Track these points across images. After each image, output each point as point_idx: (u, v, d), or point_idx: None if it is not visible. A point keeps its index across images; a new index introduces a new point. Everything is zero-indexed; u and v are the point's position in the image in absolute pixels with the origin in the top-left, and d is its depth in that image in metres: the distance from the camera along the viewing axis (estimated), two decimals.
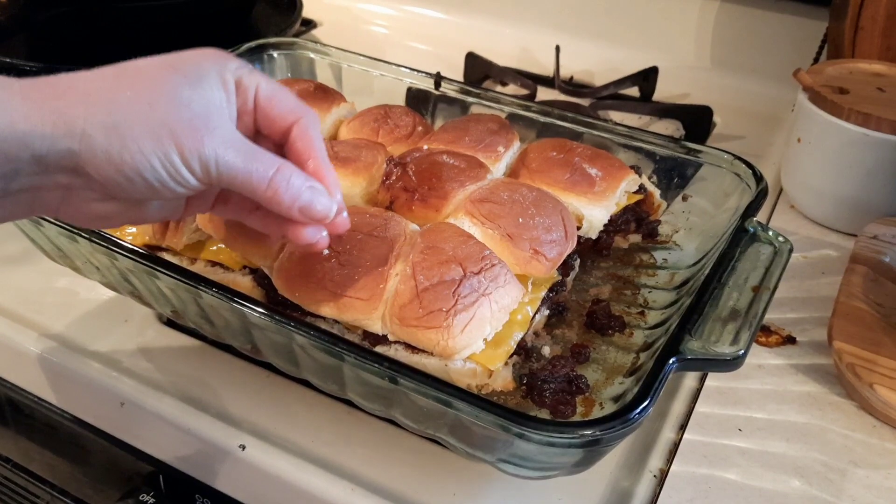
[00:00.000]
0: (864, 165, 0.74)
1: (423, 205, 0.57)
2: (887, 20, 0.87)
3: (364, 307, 0.49)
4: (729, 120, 1.01)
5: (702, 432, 0.57)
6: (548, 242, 0.54)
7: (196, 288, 0.49)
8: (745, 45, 1.09)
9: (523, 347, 0.53)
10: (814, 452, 0.55)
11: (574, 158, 0.63)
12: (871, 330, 0.62)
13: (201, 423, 0.57)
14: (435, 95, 0.76)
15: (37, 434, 0.70)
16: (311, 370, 0.50)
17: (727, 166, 0.64)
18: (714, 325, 0.48)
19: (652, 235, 0.68)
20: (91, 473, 0.69)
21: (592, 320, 0.59)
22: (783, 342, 0.65)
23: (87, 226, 0.45)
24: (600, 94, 1.02)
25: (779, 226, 0.80)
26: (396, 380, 0.43)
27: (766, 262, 0.53)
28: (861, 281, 0.66)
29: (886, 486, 0.53)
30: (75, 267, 0.60)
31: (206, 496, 0.60)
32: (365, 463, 0.54)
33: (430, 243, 0.50)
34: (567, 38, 1.13)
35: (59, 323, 0.65)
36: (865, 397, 0.58)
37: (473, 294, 0.48)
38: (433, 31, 1.24)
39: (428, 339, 0.47)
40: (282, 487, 0.53)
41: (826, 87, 0.77)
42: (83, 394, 0.62)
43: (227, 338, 0.54)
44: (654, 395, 0.42)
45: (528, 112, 0.73)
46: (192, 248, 0.59)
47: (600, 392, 0.54)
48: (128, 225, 0.60)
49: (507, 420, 0.40)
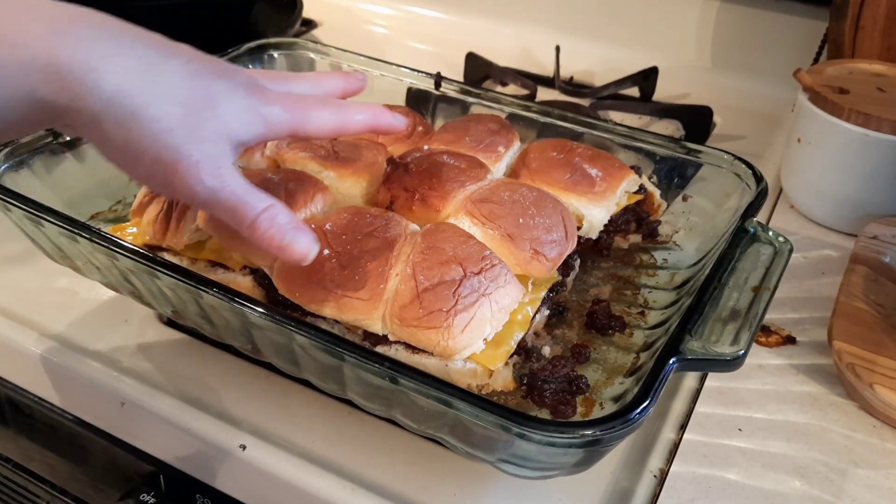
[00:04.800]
0: (864, 166, 0.74)
1: (424, 205, 0.57)
2: (887, 20, 0.87)
3: (364, 307, 0.49)
4: (729, 120, 1.02)
5: (702, 432, 0.57)
6: (548, 243, 0.54)
7: (196, 288, 0.49)
8: (745, 45, 1.09)
9: (523, 347, 0.53)
10: (814, 452, 0.55)
11: (574, 158, 0.63)
12: (872, 330, 0.62)
13: (201, 423, 0.57)
14: (435, 95, 0.76)
15: (37, 434, 0.70)
16: (312, 370, 0.50)
17: (727, 166, 0.64)
18: (714, 325, 0.48)
19: (652, 235, 0.68)
20: (91, 473, 0.69)
21: (593, 320, 0.59)
22: (783, 342, 0.65)
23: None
24: (600, 95, 1.02)
25: (779, 226, 0.80)
26: (397, 380, 0.43)
27: (766, 262, 0.53)
28: (861, 281, 0.66)
29: (887, 487, 0.53)
30: (75, 267, 0.60)
31: (206, 496, 0.60)
32: (365, 463, 0.54)
33: (430, 243, 0.50)
34: (567, 38, 1.13)
35: (59, 323, 0.65)
36: (866, 397, 0.58)
37: (474, 294, 0.48)
38: (433, 31, 1.24)
39: (428, 340, 0.47)
40: (282, 487, 0.53)
41: (826, 87, 0.77)
42: (83, 394, 0.62)
43: (228, 338, 0.54)
44: (655, 396, 0.42)
45: (528, 112, 0.73)
46: (192, 248, 0.58)
47: (600, 392, 0.54)
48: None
49: (508, 420, 0.40)
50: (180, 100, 0.42)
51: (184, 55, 0.44)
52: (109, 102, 0.40)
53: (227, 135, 0.44)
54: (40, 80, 0.38)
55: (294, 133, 0.47)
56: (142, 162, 0.42)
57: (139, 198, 0.61)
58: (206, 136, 0.42)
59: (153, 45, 0.43)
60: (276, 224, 0.44)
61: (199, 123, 0.42)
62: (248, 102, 0.45)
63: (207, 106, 0.43)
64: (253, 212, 0.44)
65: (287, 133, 0.47)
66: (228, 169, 0.44)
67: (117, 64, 0.40)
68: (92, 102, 0.40)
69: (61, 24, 0.39)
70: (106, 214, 0.67)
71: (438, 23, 1.25)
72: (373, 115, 0.51)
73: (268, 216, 0.44)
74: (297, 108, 0.47)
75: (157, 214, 0.58)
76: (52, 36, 0.38)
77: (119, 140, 0.41)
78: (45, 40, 0.38)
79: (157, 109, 0.41)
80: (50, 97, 0.39)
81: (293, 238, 0.45)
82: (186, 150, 0.42)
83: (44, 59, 0.38)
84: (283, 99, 0.47)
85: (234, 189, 0.44)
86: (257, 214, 0.44)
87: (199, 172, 0.42)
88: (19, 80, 0.38)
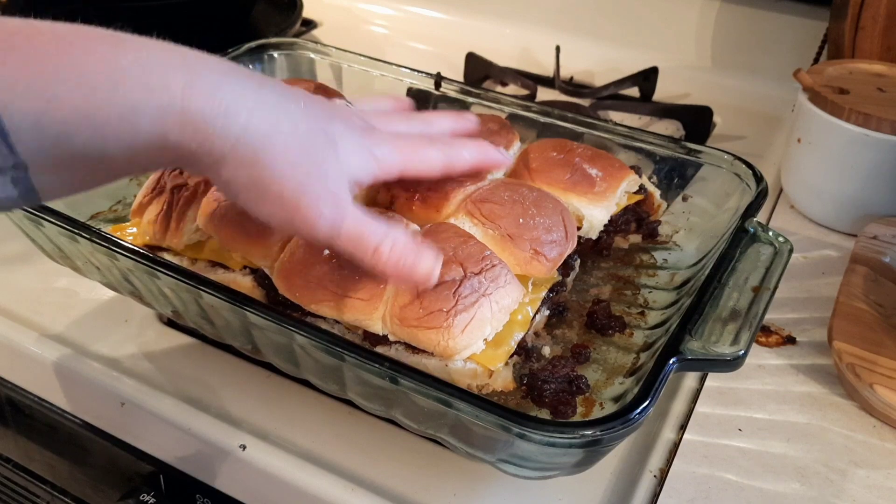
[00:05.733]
0: (864, 166, 0.74)
1: (424, 205, 0.57)
2: (887, 20, 0.87)
3: (364, 307, 0.49)
4: (729, 120, 1.01)
5: (702, 432, 0.57)
6: (548, 243, 0.54)
7: (196, 288, 0.49)
8: (745, 45, 1.09)
9: (523, 347, 0.53)
10: (814, 453, 0.55)
11: (574, 159, 0.63)
12: (872, 330, 0.62)
13: (201, 423, 0.57)
14: (435, 95, 0.76)
15: (37, 434, 0.70)
16: (312, 370, 0.50)
17: (727, 166, 0.64)
18: (714, 325, 0.48)
19: (652, 236, 0.68)
20: (91, 473, 0.69)
21: (593, 320, 0.59)
22: (783, 342, 0.65)
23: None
24: (600, 95, 1.02)
25: (779, 226, 0.80)
26: (397, 380, 0.43)
27: (766, 262, 0.53)
28: (861, 281, 0.66)
29: (887, 487, 0.53)
30: (75, 267, 0.60)
31: (206, 496, 0.60)
32: (365, 463, 0.54)
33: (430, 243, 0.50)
34: (567, 38, 1.13)
35: (59, 323, 0.65)
36: (866, 398, 0.58)
37: (474, 294, 0.48)
38: (433, 31, 1.24)
39: (428, 340, 0.47)
40: (282, 487, 0.53)
41: (826, 87, 0.77)
42: (83, 394, 0.62)
43: (228, 338, 0.54)
44: (655, 396, 0.42)
45: (528, 112, 0.73)
46: (192, 248, 0.58)
47: (600, 392, 0.54)
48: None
49: (508, 420, 0.40)
50: (301, 140, 0.43)
51: (301, 98, 0.45)
52: (235, 144, 0.41)
53: (345, 173, 0.45)
54: (174, 125, 0.39)
55: (404, 173, 0.49)
56: (266, 199, 0.43)
57: (139, 198, 0.61)
58: (326, 174, 0.44)
59: (275, 90, 0.44)
60: (397, 248, 0.45)
61: (320, 162, 0.44)
62: (362, 142, 0.47)
63: (326, 146, 0.44)
64: (375, 239, 0.45)
65: (398, 172, 0.49)
66: (348, 202, 0.45)
67: (243, 107, 0.41)
68: (220, 146, 0.41)
69: (194, 71, 0.40)
70: (106, 214, 0.67)
71: (438, 23, 1.25)
72: (479, 152, 0.54)
73: (389, 242, 0.45)
74: (407, 148, 0.50)
75: (157, 214, 0.58)
76: (186, 82, 0.39)
77: (244, 179, 0.42)
78: (180, 86, 0.39)
79: (281, 148, 0.42)
80: (180, 140, 0.40)
81: (416, 259, 0.46)
82: (309, 186, 0.43)
83: (178, 105, 0.39)
84: (393, 140, 0.49)
85: (356, 220, 0.45)
86: (379, 242, 0.45)
87: (321, 206, 0.43)
88: (154, 124, 0.39)
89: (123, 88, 0.37)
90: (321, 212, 0.43)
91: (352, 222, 0.45)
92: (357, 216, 0.45)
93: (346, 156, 0.45)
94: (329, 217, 0.44)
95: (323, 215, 0.44)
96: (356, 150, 0.46)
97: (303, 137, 0.43)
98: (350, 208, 0.45)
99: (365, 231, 0.45)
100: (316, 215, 0.43)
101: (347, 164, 0.45)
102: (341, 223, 0.44)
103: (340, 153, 0.45)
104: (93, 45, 0.38)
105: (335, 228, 0.44)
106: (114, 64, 0.38)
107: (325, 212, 0.44)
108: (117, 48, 0.38)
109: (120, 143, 0.38)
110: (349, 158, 0.46)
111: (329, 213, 0.44)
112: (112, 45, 0.38)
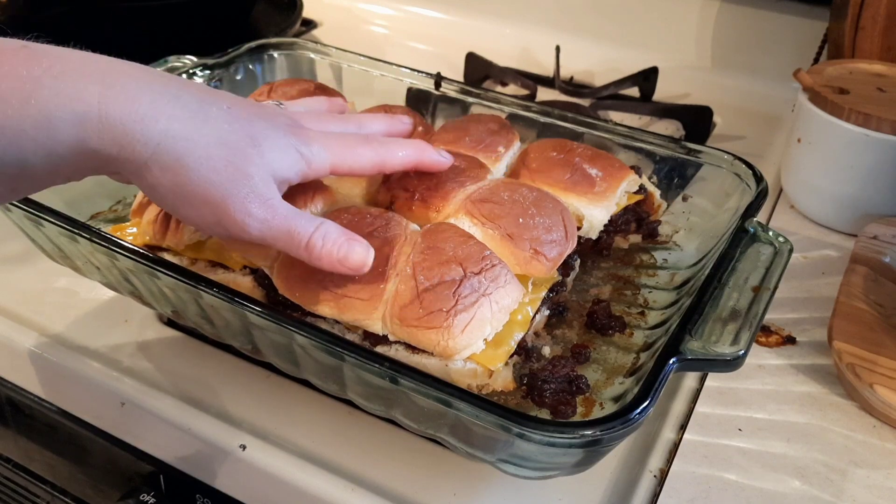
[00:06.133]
0: (864, 166, 0.74)
1: (424, 205, 0.57)
2: (887, 20, 0.87)
3: (364, 307, 0.49)
4: (729, 120, 1.02)
5: (702, 432, 0.57)
6: (548, 242, 0.54)
7: (196, 288, 0.49)
8: (745, 45, 1.09)
9: (523, 347, 0.53)
10: (814, 453, 0.55)
11: (574, 158, 0.63)
12: (872, 330, 0.62)
13: (201, 423, 0.57)
14: (435, 96, 0.76)
15: (37, 434, 0.70)
16: (312, 370, 0.50)
17: (727, 166, 0.64)
18: (714, 325, 0.48)
19: (652, 236, 0.68)
20: (91, 473, 0.69)
21: (593, 320, 0.59)
22: (783, 342, 0.65)
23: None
24: (600, 95, 1.02)
25: (779, 226, 0.80)
26: (397, 380, 0.43)
27: (766, 262, 0.53)
28: (861, 281, 0.66)
29: (887, 487, 0.53)
30: (75, 267, 0.60)
31: (206, 496, 0.60)
32: (365, 463, 0.54)
33: (430, 243, 0.50)
34: (567, 38, 1.13)
35: (59, 323, 0.65)
36: (866, 397, 0.58)
37: (474, 294, 0.48)
38: (433, 31, 1.24)
39: (428, 340, 0.47)
40: (282, 487, 0.53)
41: (826, 87, 0.77)
42: (83, 394, 0.62)
43: (228, 338, 0.54)
44: (655, 396, 0.42)
45: (528, 112, 0.73)
46: (192, 248, 0.58)
47: (601, 392, 0.54)
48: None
49: (508, 420, 0.40)
50: (224, 141, 0.44)
51: (224, 101, 0.46)
52: (156, 150, 0.42)
53: (270, 172, 0.46)
54: (93, 132, 0.40)
55: (335, 170, 0.50)
56: (192, 203, 0.44)
57: (139, 198, 0.61)
58: (251, 173, 0.44)
59: (196, 94, 0.45)
60: (328, 240, 0.46)
61: (244, 162, 0.44)
62: (288, 141, 0.47)
63: (250, 145, 0.45)
64: (306, 233, 0.45)
65: (329, 170, 0.49)
66: (277, 199, 0.45)
67: (162, 113, 0.42)
68: (140, 151, 0.42)
69: (111, 79, 0.41)
70: (106, 214, 0.67)
71: (438, 23, 1.26)
72: (415, 152, 0.54)
73: (319, 234, 0.46)
74: (338, 146, 0.50)
75: (157, 214, 0.58)
76: (102, 90, 0.40)
77: (168, 184, 0.43)
78: (97, 94, 0.40)
79: (202, 151, 0.43)
80: (100, 147, 0.41)
81: (348, 250, 0.46)
82: (233, 188, 0.44)
83: (95, 112, 0.40)
84: (323, 138, 0.49)
85: (285, 215, 0.45)
86: (310, 235, 0.45)
87: (248, 206, 0.44)
88: (72, 132, 0.40)
89: (36, 99, 0.38)
90: (249, 212, 0.44)
91: (281, 220, 0.45)
92: (285, 213, 0.45)
93: (270, 155, 0.46)
94: (258, 216, 0.44)
95: (251, 215, 0.44)
96: (282, 149, 0.47)
97: (225, 140, 0.44)
98: (278, 206, 0.45)
99: (294, 227, 0.45)
100: (244, 216, 0.44)
101: (272, 163, 0.46)
102: (270, 222, 0.45)
103: (265, 153, 0.45)
104: (2, 58, 0.39)
105: (265, 227, 0.45)
106: (25, 76, 0.38)
107: (254, 211, 0.44)
108: (30, 60, 0.39)
109: (38, 153, 0.39)
110: (274, 157, 0.46)
111: (258, 213, 0.44)
112: (24, 58, 0.39)
